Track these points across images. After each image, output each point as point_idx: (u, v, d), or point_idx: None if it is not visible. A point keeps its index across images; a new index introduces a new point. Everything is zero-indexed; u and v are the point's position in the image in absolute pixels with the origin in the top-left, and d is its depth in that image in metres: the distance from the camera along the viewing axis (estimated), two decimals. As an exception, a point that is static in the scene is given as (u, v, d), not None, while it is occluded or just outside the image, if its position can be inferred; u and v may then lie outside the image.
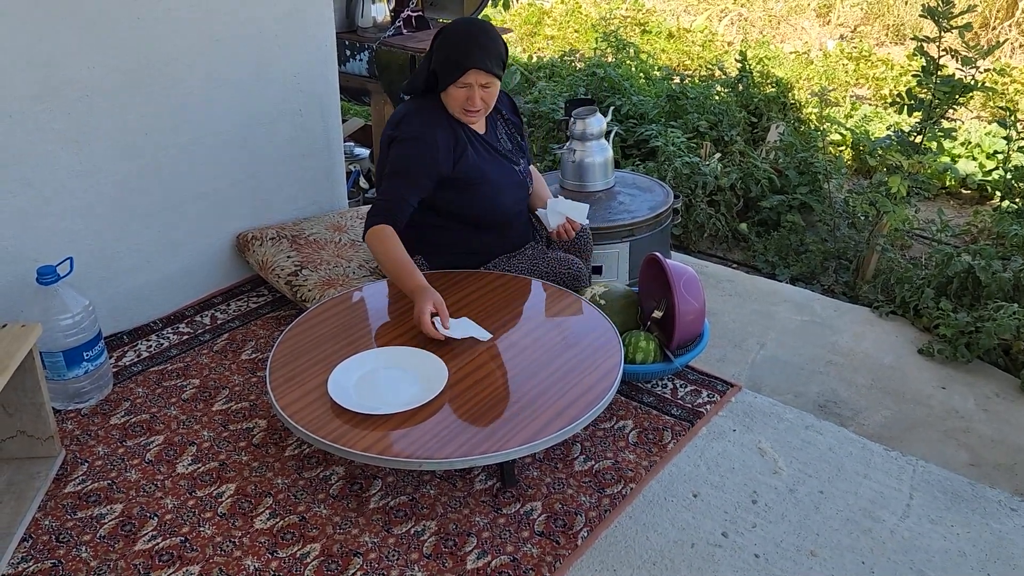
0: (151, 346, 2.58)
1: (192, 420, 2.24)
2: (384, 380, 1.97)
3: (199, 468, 2.07)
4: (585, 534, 1.89)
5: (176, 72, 2.57)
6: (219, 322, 2.72)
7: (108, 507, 1.95)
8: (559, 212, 2.50)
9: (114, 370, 2.44)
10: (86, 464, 2.08)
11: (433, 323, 2.05)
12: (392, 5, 4.00)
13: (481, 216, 2.41)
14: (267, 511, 1.94)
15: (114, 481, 2.03)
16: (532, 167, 2.62)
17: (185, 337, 2.63)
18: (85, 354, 2.23)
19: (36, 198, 2.34)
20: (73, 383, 2.24)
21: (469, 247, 2.46)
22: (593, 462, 2.10)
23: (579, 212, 2.52)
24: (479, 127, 2.40)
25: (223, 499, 1.97)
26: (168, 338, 2.62)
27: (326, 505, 1.95)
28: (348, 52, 3.87)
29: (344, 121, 4.01)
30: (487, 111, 2.36)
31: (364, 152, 4.19)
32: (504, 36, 2.39)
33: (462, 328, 2.10)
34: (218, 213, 2.83)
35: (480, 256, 2.48)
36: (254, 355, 2.54)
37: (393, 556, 1.81)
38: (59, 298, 2.19)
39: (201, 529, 1.88)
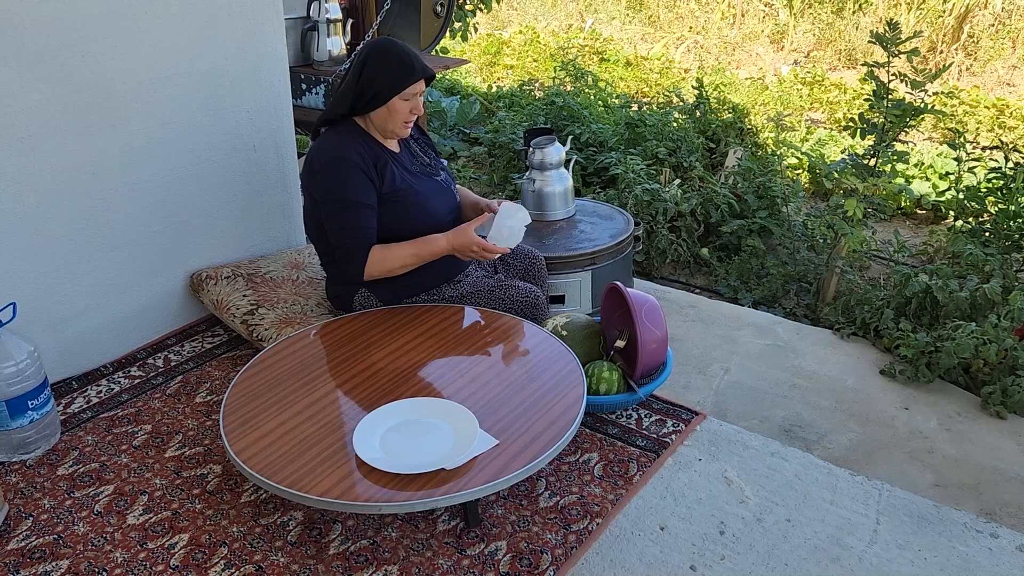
0: (101, 391, 2.49)
1: (144, 468, 2.17)
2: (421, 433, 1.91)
3: (151, 518, 1.99)
4: (551, 573, 1.84)
5: (123, 109, 2.52)
6: (172, 364, 2.64)
7: (54, 563, 1.86)
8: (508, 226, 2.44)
9: (62, 418, 2.36)
10: (31, 518, 1.99)
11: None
12: (348, 38, 3.98)
13: (415, 230, 2.39)
14: (222, 561, 1.86)
15: (60, 535, 1.94)
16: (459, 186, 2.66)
17: (137, 381, 2.55)
18: (30, 403, 2.15)
19: (-23, 242, 2.27)
20: (17, 433, 2.16)
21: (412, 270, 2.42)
22: (559, 497, 2.06)
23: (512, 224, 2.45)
24: (393, 146, 2.43)
25: (176, 550, 1.89)
26: (119, 382, 2.54)
27: (284, 553, 1.89)
28: (304, 86, 3.83)
29: (300, 156, 3.96)
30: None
31: (323, 186, 4.14)
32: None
33: (511, 229, 2.34)
34: (170, 252, 2.76)
35: (424, 278, 2.46)
36: (209, 397, 2.47)
37: (354, 604, 1.75)
38: (1, 345, 2.11)
39: (152, 583, 1.81)
